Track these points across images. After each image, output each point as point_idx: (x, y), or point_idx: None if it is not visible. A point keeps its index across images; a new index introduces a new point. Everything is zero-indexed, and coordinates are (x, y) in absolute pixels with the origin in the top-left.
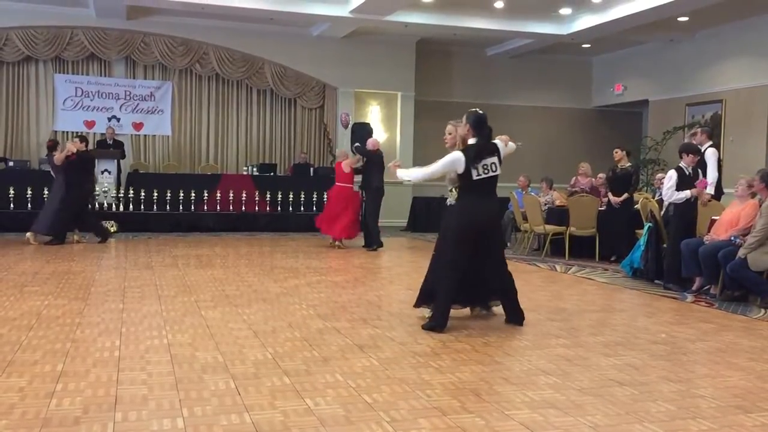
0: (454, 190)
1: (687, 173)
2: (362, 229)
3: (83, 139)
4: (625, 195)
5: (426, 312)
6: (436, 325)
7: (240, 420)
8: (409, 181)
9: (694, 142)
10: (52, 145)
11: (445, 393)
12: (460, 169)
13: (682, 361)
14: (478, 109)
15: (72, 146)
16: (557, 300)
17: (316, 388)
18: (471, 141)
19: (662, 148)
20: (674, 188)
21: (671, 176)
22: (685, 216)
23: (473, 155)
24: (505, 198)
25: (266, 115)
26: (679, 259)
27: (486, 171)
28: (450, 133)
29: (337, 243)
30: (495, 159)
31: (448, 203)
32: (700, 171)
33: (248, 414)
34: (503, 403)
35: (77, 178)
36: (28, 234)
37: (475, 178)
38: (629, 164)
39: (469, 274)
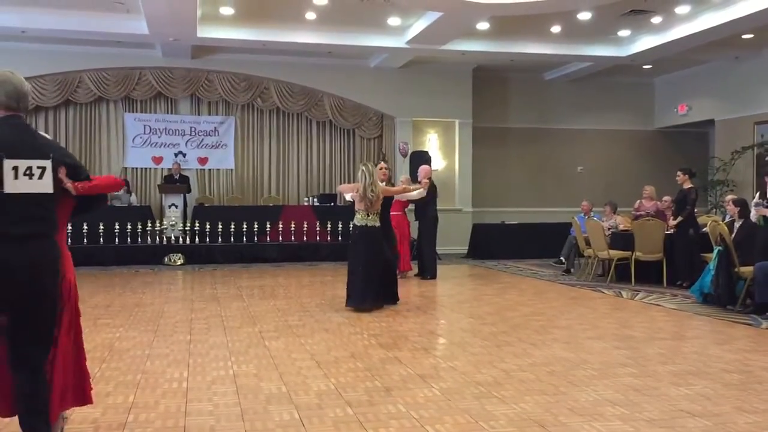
0: (371, 214)
1: None
2: (416, 258)
3: None
4: (679, 218)
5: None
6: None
7: None
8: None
9: None
10: None
11: (509, 424)
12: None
13: (757, 390)
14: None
15: None
16: (624, 327)
17: (379, 419)
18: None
19: (731, 168)
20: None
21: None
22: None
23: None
24: (567, 223)
25: (326, 146)
26: None
27: None
28: (389, 168)
29: (400, 275)
30: None
31: (357, 224)
32: None
33: None
34: None
35: None
36: None
37: None
38: (690, 186)
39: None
